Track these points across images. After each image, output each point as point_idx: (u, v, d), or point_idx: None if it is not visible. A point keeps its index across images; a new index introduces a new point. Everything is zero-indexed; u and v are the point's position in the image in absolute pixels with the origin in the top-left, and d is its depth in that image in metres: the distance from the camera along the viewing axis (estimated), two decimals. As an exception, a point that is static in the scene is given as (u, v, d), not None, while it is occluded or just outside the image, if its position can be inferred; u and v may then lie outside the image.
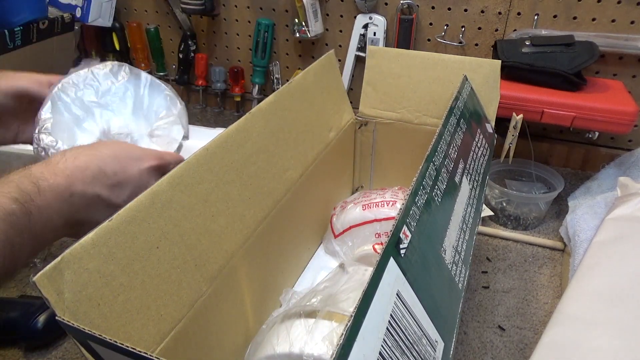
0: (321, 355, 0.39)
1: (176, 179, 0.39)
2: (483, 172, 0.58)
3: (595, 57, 0.75)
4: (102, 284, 0.32)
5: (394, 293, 0.32)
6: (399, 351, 0.30)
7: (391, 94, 0.68)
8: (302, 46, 1.04)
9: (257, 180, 0.49)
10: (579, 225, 0.67)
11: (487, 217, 0.80)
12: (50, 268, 0.28)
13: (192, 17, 1.09)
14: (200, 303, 0.40)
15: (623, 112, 0.71)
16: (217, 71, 1.10)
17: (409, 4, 0.89)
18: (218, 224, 0.43)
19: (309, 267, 0.66)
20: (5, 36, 0.87)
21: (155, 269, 0.36)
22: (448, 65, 0.65)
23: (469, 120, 0.56)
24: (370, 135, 0.72)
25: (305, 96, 0.59)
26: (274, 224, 0.51)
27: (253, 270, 0.49)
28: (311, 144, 0.60)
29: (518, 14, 0.84)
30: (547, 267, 0.71)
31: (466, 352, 0.57)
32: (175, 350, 0.37)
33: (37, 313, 0.56)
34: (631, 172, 0.75)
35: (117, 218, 0.33)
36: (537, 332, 0.60)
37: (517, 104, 0.75)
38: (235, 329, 0.47)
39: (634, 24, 0.79)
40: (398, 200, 0.62)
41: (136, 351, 0.24)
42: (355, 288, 0.46)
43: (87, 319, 0.30)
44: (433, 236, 0.40)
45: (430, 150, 0.44)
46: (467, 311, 0.63)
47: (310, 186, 0.60)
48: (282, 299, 0.54)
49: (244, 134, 0.48)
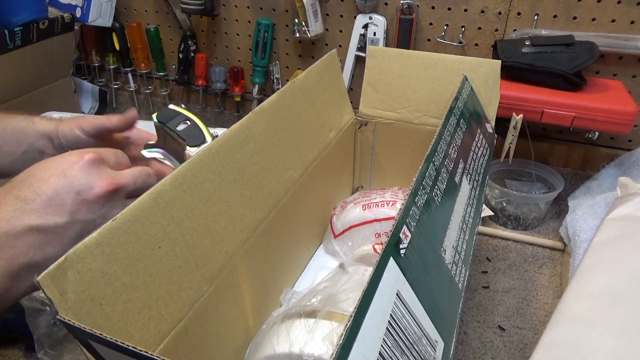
0: (321, 355, 0.39)
1: (179, 178, 0.39)
2: (483, 172, 0.58)
3: (595, 57, 0.75)
4: (105, 283, 0.32)
5: (394, 293, 0.32)
6: (398, 351, 0.30)
7: (391, 94, 0.69)
8: (302, 46, 1.04)
9: (258, 180, 0.49)
10: (579, 225, 0.67)
11: (487, 217, 0.80)
12: (53, 268, 0.29)
13: (192, 17, 1.09)
14: (200, 303, 0.40)
15: (623, 112, 0.71)
16: (217, 71, 1.10)
17: (409, 4, 0.89)
18: (219, 224, 0.43)
19: (309, 267, 0.66)
20: (5, 36, 0.88)
21: (157, 269, 0.36)
22: (448, 65, 0.65)
23: (469, 120, 0.56)
24: (370, 135, 0.73)
25: (307, 96, 0.59)
26: (274, 224, 0.52)
27: (253, 270, 0.49)
28: (312, 144, 0.60)
29: (518, 14, 0.85)
30: (547, 267, 0.71)
31: (466, 352, 0.57)
32: (175, 350, 0.37)
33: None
34: (631, 172, 0.75)
35: (121, 218, 0.33)
36: (537, 332, 0.60)
37: (517, 104, 0.75)
38: (235, 329, 0.47)
39: (634, 24, 0.79)
40: (398, 200, 0.62)
41: (137, 350, 0.24)
42: (355, 288, 0.46)
43: (89, 319, 0.30)
44: (433, 236, 0.40)
45: (430, 150, 0.44)
46: (467, 311, 0.63)
47: (310, 186, 0.60)
48: (282, 299, 0.54)
49: (247, 134, 0.48)
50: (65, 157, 0.38)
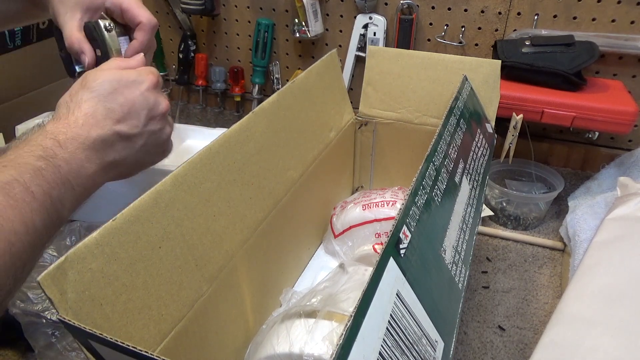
0: (321, 355, 0.39)
1: (180, 178, 0.39)
2: (483, 172, 0.58)
3: (595, 57, 0.75)
4: (105, 284, 0.32)
5: (394, 293, 0.32)
6: (398, 351, 0.30)
7: (391, 94, 0.69)
8: (302, 46, 1.04)
9: (258, 180, 0.49)
10: (579, 225, 0.67)
11: (487, 217, 0.80)
12: (54, 268, 0.29)
13: (192, 17, 1.09)
14: (200, 303, 0.40)
15: (623, 112, 0.71)
16: (217, 71, 1.10)
17: (409, 4, 0.89)
18: (219, 224, 0.43)
19: (309, 267, 0.66)
20: (5, 36, 0.87)
21: (157, 269, 0.36)
22: (448, 65, 0.65)
23: (469, 120, 0.56)
24: (370, 135, 0.73)
25: (307, 96, 0.59)
26: (274, 224, 0.52)
27: (253, 270, 0.49)
28: (312, 144, 0.60)
29: (518, 14, 0.85)
30: (547, 267, 0.71)
31: (466, 352, 0.57)
32: (175, 350, 0.37)
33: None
34: (631, 172, 0.75)
35: (121, 217, 0.33)
36: (537, 332, 0.60)
37: (517, 104, 0.75)
38: (235, 329, 0.47)
39: (634, 24, 0.79)
40: (398, 200, 0.62)
41: (137, 350, 0.24)
42: (355, 288, 0.46)
43: (89, 319, 0.30)
44: (433, 236, 0.40)
45: (430, 150, 0.44)
46: (467, 311, 0.63)
47: (310, 186, 0.60)
48: (282, 299, 0.54)
49: (247, 134, 0.48)
50: (140, 74, 0.45)
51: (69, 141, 0.40)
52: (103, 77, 0.44)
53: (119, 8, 0.50)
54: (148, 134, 0.45)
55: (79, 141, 0.40)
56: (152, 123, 0.45)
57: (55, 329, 0.52)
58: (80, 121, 0.41)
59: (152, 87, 0.46)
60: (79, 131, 0.41)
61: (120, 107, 0.43)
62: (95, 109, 0.42)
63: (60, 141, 0.39)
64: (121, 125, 0.43)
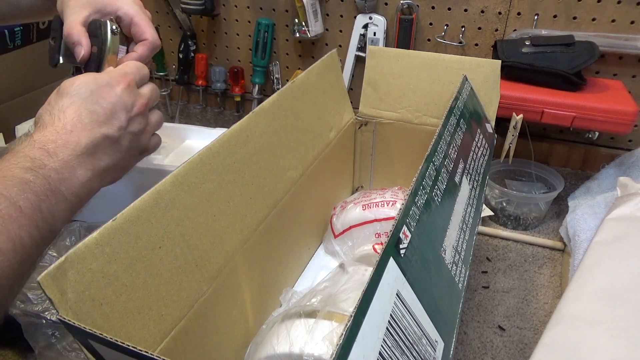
0: (321, 355, 0.39)
1: (180, 178, 0.39)
2: (483, 172, 0.58)
3: (595, 57, 0.75)
4: (105, 284, 0.32)
5: (394, 293, 0.32)
6: (398, 351, 0.30)
7: (391, 94, 0.69)
8: (302, 46, 1.04)
9: (258, 179, 0.49)
10: (579, 225, 0.67)
11: (487, 217, 0.80)
12: (54, 268, 0.29)
13: (192, 17, 1.09)
14: (200, 303, 0.40)
15: (623, 112, 0.71)
16: (217, 71, 1.10)
17: (409, 4, 0.89)
18: (219, 224, 0.43)
19: (309, 267, 0.66)
20: (5, 36, 0.87)
21: (157, 269, 0.36)
22: (448, 65, 0.65)
23: (469, 120, 0.56)
24: (370, 135, 0.73)
25: (307, 96, 0.59)
26: (274, 224, 0.52)
27: (253, 270, 0.49)
28: (312, 144, 0.60)
29: (518, 14, 0.85)
30: (547, 267, 0.71)
31: (466, 352, 0.57)
32: (175, 350, 0.37)
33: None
34: (631, 172, 0.75)
35: (121, 218, 0.33)
36: (537, 332, 0.60)
37: (517, 104, 0.75)
38: (235, 329, 0.47)
39: (634, 24, 0.79)
40: (398, 200, 0.62)
41: (137, 350, 0.24)
42: (355, 288, 0.46)
43: (89, 319, 0.30)
44: (433, 236, 0.40)
45: (430, 150, 0.44)
46: (467, 311, 0.63)
47: (310, 186, 0.60)
48: (282, 299, 0.54)
49: (247, 134, 0.48)
50: (112, 76, 0.45)
51: (60, 149, 0.39)
52: (79, 81, 0.43)
53: (129, 19, 0.51)
54: (130, 136, 0.45)
55: (71, 148, 0.39)
56: (132, 124, 0.45)
57: (55, 330, 0.52)
58: (69, 127, 0.40)
59: (127, 87, 0.45)
60: (69, 138, 0.40)
61: (102, 109, 0.42)
62: (79, 113, 0.41)
63: (50, 150, 0.38)
64: (107, 127, 0.42)
